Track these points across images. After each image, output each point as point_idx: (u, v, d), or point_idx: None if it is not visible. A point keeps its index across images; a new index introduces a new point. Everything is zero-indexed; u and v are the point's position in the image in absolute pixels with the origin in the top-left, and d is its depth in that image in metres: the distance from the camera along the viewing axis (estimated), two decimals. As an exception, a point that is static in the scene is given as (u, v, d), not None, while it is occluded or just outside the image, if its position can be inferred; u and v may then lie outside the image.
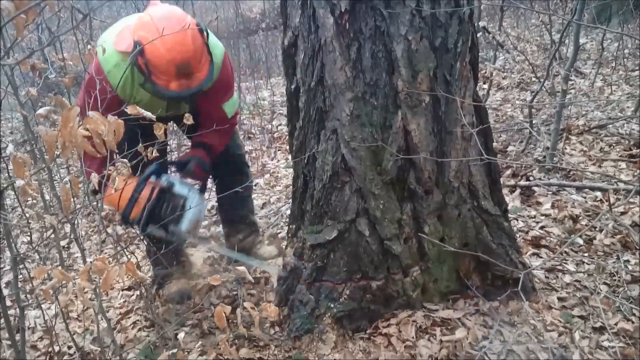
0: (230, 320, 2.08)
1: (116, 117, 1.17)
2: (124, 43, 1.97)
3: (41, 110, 1.23)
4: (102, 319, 1.72)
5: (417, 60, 1.78)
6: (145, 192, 2.03)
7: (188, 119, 1.88)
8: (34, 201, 3.80)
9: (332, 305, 1.96)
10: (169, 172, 2.28)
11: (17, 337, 1.48)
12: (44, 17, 3.72)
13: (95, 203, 1.87)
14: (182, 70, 1.92)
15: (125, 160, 1.46)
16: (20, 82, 4.76)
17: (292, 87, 1.98)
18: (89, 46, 1.89)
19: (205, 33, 2.00)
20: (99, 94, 1.70)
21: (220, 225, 2.89)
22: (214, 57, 2.08)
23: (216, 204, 2.97)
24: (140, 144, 1.60)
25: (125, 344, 2.18)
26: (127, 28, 2.03)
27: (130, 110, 1.34)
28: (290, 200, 2.24)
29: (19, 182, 1.12)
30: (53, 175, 3.78)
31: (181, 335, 2.11)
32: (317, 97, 1.88)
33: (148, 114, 1.37)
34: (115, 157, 1.39)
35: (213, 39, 2.13)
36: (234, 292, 2.41)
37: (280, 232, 2.99)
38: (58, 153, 1.11)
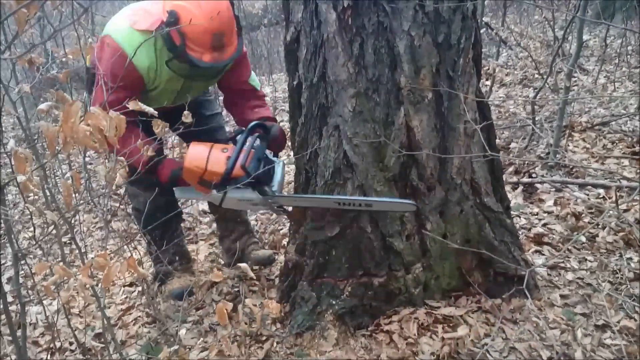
0: (231, 317, 2.08)
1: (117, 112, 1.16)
2: (145, 22, 1.90)
3: (42, 106, 1.23)
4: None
5: (420, 56, 1.77)
6: (248, 155, 1.97)
7: (187, 117, 1.86)
8: (36, 197, 3.80)
9: (333, 302, 1.96)
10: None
11: (19, 333, 1.48)
12: (45, 12, 3.72)
13: (97, 199, 1.87)
14: (216, 41, 1.87)
15: (122, 158, 1.45)
16: (22, 77, 4.75)
17: (294, 83, 1.97)
18: (89, 40, 1.88)
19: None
20: (125, 80, 1.66)
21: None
22: None
23: None
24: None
25: (126, 340, 2.18)
26: (141, 9, 1.97)
27: (132, 105, 1.33)
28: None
29: (20, 178, 1.11)
30: (55, 171, 3.79)
31: (182, 332, 2.11)
32: (319, 93, 1.87)
33: (150, 110, 1.36)
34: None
35: None
36: (236, 289, 2.41)
37: (282, 229, 2.98)
38: (59, 149, 1.10)
